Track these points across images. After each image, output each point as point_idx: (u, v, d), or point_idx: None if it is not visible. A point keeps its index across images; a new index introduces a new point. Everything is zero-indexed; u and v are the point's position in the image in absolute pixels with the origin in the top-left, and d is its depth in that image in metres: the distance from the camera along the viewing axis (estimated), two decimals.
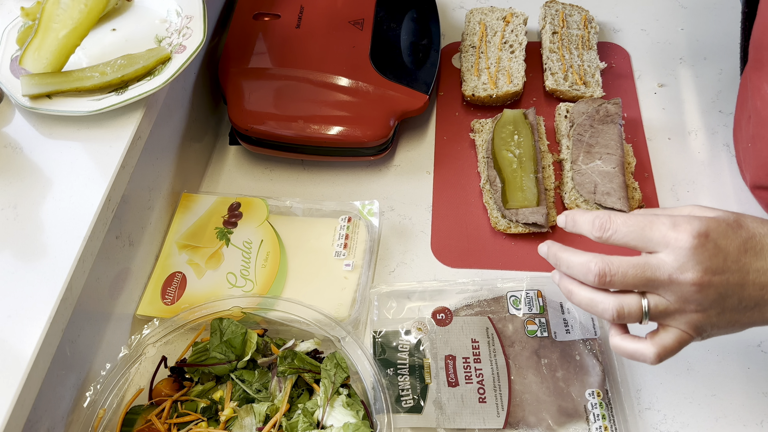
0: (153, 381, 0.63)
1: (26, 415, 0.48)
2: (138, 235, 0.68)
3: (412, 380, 0.63)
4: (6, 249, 0.54)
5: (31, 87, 0.61)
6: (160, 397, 0.61)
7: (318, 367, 0.61)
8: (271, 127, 0.75)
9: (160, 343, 0.63)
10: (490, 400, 0.62)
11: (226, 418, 0.59)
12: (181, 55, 0.64)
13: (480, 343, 0.65)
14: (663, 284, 0.48)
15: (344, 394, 0.59)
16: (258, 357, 0.62)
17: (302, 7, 0.83)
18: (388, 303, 0.69)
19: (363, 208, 0.74)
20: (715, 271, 0.47)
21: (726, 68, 0.86)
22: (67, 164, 0.59)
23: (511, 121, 0.78)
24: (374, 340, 0.66)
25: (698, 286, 0.47)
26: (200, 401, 0.60)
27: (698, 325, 0.49)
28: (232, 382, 0.61)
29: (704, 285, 0.47)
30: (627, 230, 0.49)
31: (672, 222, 0.48)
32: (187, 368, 0.62)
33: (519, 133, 0.77)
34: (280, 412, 0.58)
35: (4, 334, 0.49)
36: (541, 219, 0.71)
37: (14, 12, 0.68)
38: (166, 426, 0.59)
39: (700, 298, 0.47)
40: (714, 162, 0.79)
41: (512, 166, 0.75)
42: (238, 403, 0.60)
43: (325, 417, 0.58)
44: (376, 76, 0.77)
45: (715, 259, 0.47)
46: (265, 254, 0.70)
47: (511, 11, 0.90)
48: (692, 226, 0.48)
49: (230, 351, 0.61)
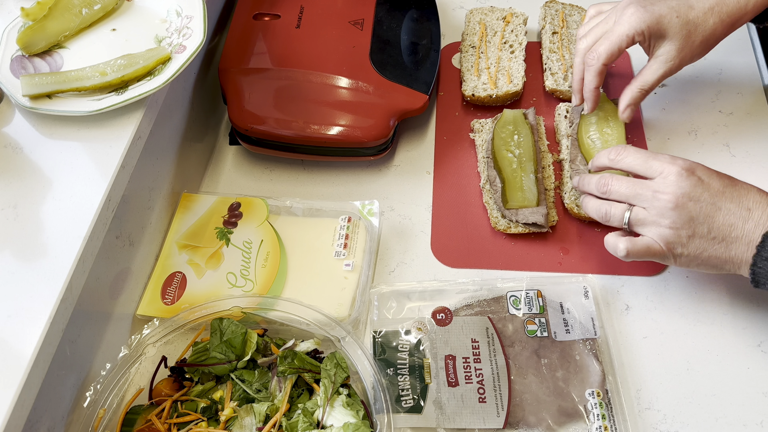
0: (153, 381, 0.63)
1: (26, 415, 0.48)
2: (138, 235, 0.68)
3: (412, 380, 0.63)
4: (6, 249, 0.54)
5: (31, 87, 0.61)
6: (160, 397, 0.61)
7: (318, 367, 0.61)
8: (271, 127, 0.75)
9: (160, 343, 0.63)
10: (490, 400, 0.62)
11: (226, 418, 0.59)
12: (181, 55, 0.64)
13: (480, 343, 0.65)
14: (647, 198, 0.60)
15: (344, 393, 0.59)
16: (258, 357, 0.62)
17: (302, 7, 0.83)
18: (388, 303, 0.69)
19: (363, 208, 0.74)
20: (692, 197, 0.58)
21: (726, 68, 0.86)
22: (67, 164, 0.59)
23: (511, 121, 0.78)
24: (374, 340, 0.66)
25: (674, 204, 0.58)
26: (200, 401, 0.60)
27: (669, 240, 0.59)
28: (232, 382, 0.61)
29: (679, 205, 0.58)
30: (635, 157, 0.62)
31: (671, 158, 0.61)
32: (187, 368, 0.62)
33: (519, 133, 0.77)
34: (280, 412, 0.58)
35: (4, 334, 0.49)
36: (541, 219, 0.71)
37: (14, 12, 0.68)
38: (166, 426, 0.59)
39: (674, 216, 0.58)
40: (714, 162, 0.78)
41: (512, 166, 0.75)
42: (238, 403, 0.60)
43: (325, 417, 0.58)
44: (376, 76, 0.77)
45: (695, 189, 0.58)
46: (265, 254, 0.70)
47: (511, 11, 0.90)
48: (686, 162, 0.60)
49: (230, 351, 0.61)
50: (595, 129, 0.76)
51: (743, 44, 0.88)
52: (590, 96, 0.73)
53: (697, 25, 0.66)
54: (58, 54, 0.67)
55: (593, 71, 0.70)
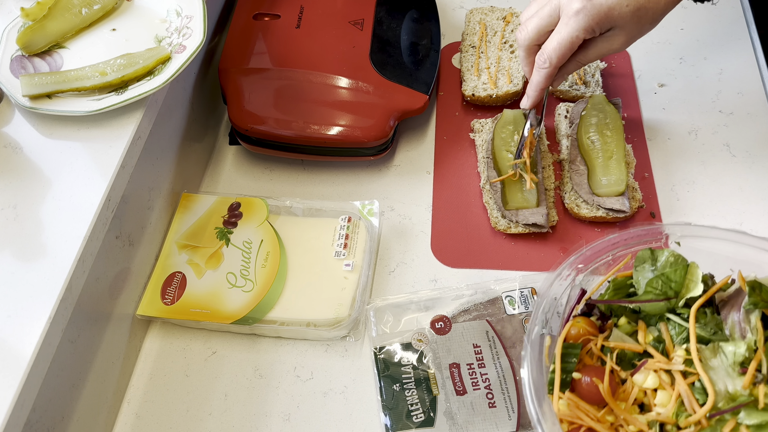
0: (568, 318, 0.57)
1: (26, 415, 0.48)
2: (138, 235, 0.68)
3: (419, 393, 0.62)
4: (6, 249, 0.54)
5: (31, 87, 0.61)
6: (583, 335, 0.55)
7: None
8: (271, 127, 0.75)
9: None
10: (500, 404, 0.61)
11: (683, 359, 0.52)
12: (181, 55, 0.64)
13: (482, 348, 0.64)
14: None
15: None
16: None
17: (302, 7, 0.83)
18: (384, 317, 0.68)
19: (363, 208, 0.73)
20: None
21: (726, 68, 0.86)
22: (66, 164, 0.59)
23: (511, 121, 0.78)
24: (376, 357, 0.65)
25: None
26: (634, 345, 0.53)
27: None
28: (666, 323, 0.54)
29: None
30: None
31: None
32: (607, 306, 0.55)
33: (519, 133, 0.77)
34: (761, 351, 0.50)
35: (4, 334, 0.49)
36: (541, 219, 0.71)
37: (14, 12, 0.68)
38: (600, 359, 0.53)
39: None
40: (714, 162, 0.79)
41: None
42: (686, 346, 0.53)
43: None
44: (376, 76, 0.77)
45: None
46: (265, 254, 0.70)
47: (511, 11, 0.90)
48: None
49: (668, 286, 0.53)
50: (594, 130, 0.76)
51: (743, 44, 0.88)
52: (534, 95, 0.70)
53: (647, 9, 0.63)
54: (57, 54, 0.67)
55: (544, 74, 0.67)
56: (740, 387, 0.50)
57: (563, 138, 0.79)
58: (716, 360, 0.51)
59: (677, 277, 0.54)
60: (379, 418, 0.62)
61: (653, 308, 0.54)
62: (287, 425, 0.63)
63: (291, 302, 0.67)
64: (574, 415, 0.52)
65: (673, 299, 0.54)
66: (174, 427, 0.64)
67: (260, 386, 0.66)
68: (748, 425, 0.48)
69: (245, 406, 0.65)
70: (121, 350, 0.65)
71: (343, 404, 0.64)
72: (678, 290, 0.54)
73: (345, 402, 0.65)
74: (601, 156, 0.74)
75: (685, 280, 0.54)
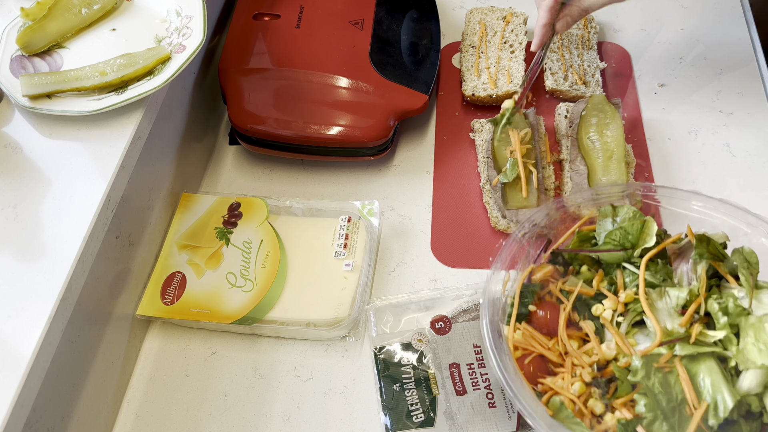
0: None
1: (26, 415, 0.48)
2: (138, 235, 0.68)
3: (419, 393, 0.62)
4: (6, 249, 0.54)
5: (31, 87, 0.61)
6: (546, 279, 0.60)
7: (727, 258, 0.57)
8: (271, 127, 0.75)
9: None
10: (500, 404, 0.61)
11: (627, 300, 0.57)
12: (181, 54, 0.64)
13: (482, 347, 0.64)
14: None
15: (766, 287, 0.55)
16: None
17: (302, 7, 0.83)
18: (384, 317, 0.68)
19: (363, 208, 0.73)
20: None
21: (726, 68, 0.86)
22: (66, 164, 0.59)
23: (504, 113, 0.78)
24: (376, 357, 0.65)
25: None
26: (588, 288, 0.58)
27: None
28: (622, 271, 0.58)
29: None
30: None
31: None
32: (570, 254, 0.60)
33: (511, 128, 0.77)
34: (702, 296, 0.55)
35: (4, 334, 0.49)
36: None
37: (14, 12, 0.68)
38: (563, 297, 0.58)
39: None
40: (714, 162, 0.79)
41: None
42: (635, 291, 0.57)
43: (750, 307, 0.54)
44: (376, 76, 0.77)
45: None
46: (264, 254, 0.70)
47: (511, 11, 0.90)
48: None
49: (625, 238, 0.58)
50: (594, 130, 0.76)
51: (743, 44, 0.88)
52: (538, 31, 0.73)
53: None
54: (57, 54, 0.67)
55: (545, 6, 0.72)
56: (678, 325, 0.55)
57: (563, 138, 0.79)
58: (661, 302, 0.56)
59: (634, 230, 0.58)
60: (379, 418, 0.62)
61: (611, 257, 0.58)
62: (287, 425, 0.63)
63: (291, 302, 0.67)
64: (527, 343, 0.58)
65: (629, 250, 0.58)
66: (174, 427, 0.64)
67: (260, 386, 0.66)
68: (681, 356, 0.54)
69: (245, 406, 0.65)
70: (121, 350, 0.65)
71: (343, 404, 0.64)
72: (635, 243, 0.58)
73: (345, 402, 0.65)
74: (601, 156, 0.74)
75: (642, 234, 0.58)
